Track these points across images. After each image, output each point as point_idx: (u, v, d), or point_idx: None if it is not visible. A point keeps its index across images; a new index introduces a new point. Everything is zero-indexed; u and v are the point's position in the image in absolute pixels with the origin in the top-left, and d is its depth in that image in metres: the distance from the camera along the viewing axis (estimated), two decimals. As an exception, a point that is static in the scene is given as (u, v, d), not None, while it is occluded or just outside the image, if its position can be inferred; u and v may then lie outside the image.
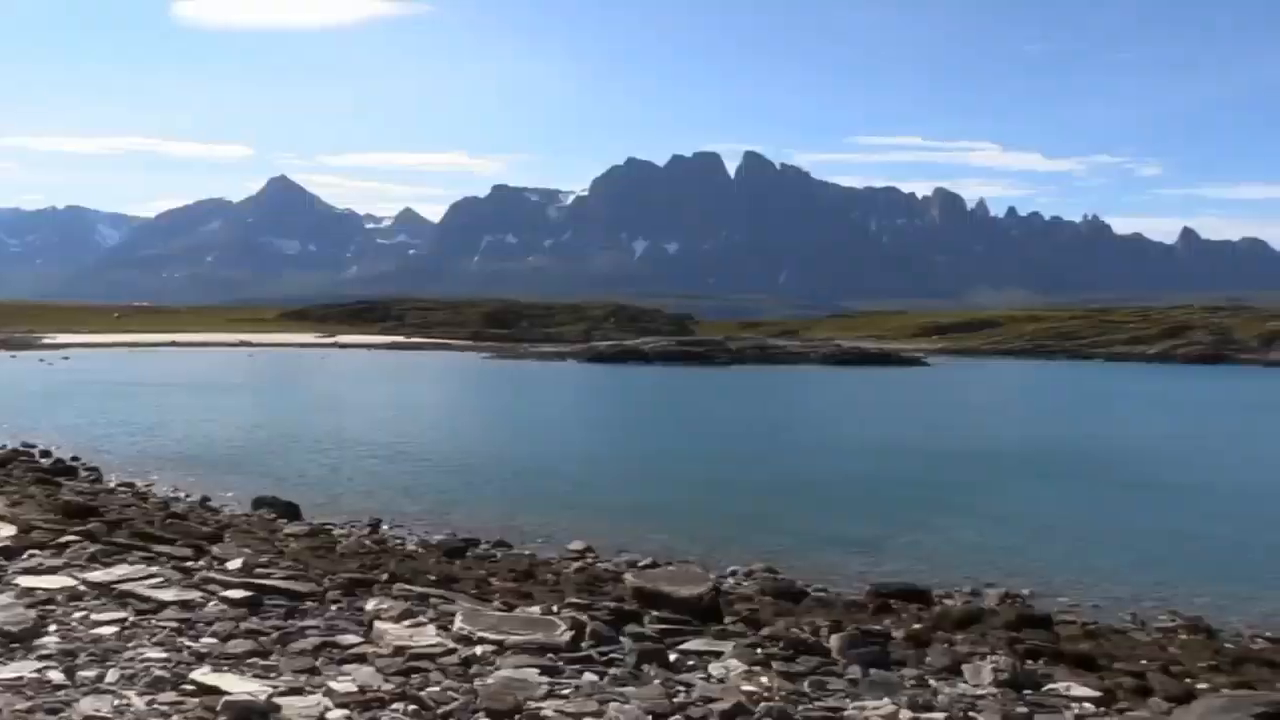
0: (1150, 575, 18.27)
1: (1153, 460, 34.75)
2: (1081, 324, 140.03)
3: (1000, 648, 12.61)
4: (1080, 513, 24.61)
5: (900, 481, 28.95)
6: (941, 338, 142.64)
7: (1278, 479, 31.06)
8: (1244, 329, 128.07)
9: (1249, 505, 26.11)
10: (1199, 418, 53.14)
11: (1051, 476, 30.58)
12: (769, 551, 19.20)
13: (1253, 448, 39.51)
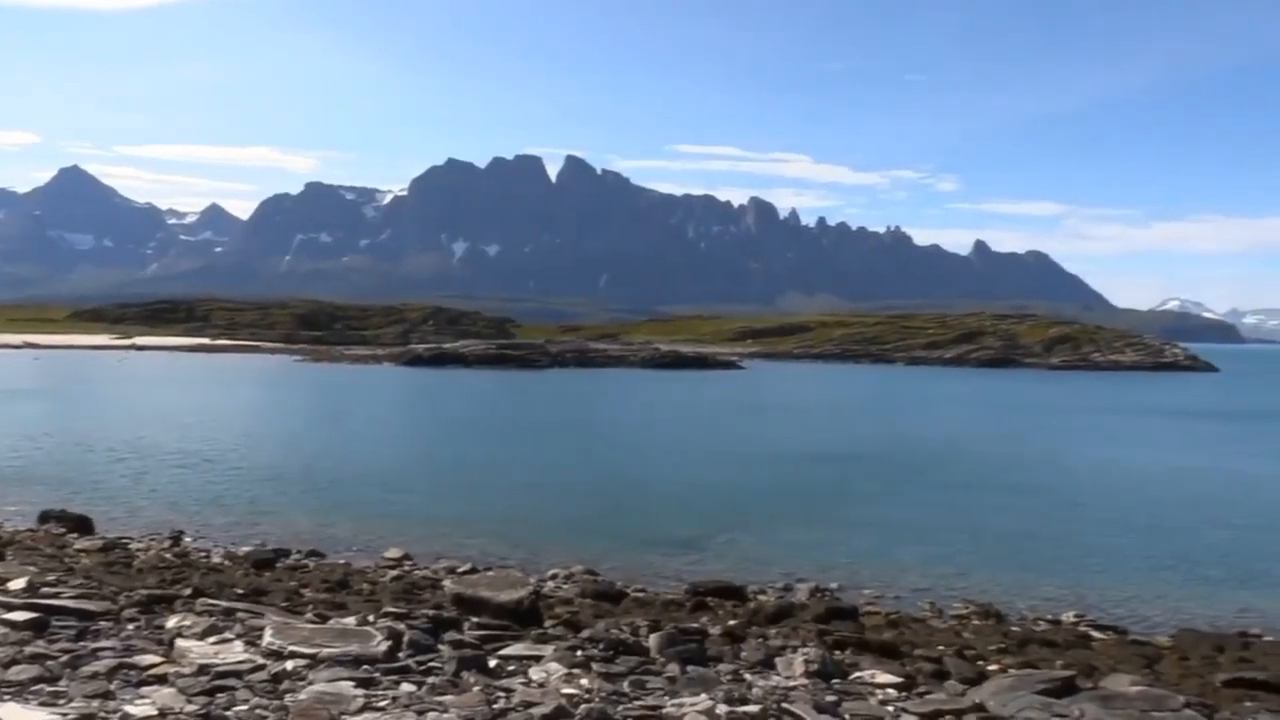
0: (947, 567, 19.39)
1: (951, 458, 36.90)
2: (885, 329, 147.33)
3: (811, 640, 13.11)
4: (885, 509, 25.86)
5: (718, 482, 29.66)
6: (755, 342, 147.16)
7: (1060, 475, 33.49)
8: (1029, 335, 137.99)
9: (1035, 499, 28.09)
10: (992, 418, 56.80)
11: (860, 475, 31.99)
12: (589, 554, 19.31)
13: (1039, 446, 42.49)
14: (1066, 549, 21.49)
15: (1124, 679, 11.74)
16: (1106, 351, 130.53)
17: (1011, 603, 17.02)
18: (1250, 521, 25.37)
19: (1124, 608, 17.04)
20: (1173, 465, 36.78)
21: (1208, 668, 13.53)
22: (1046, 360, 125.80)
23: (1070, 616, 16.31)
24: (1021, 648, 14.08)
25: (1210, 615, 16.76)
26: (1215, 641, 14.93)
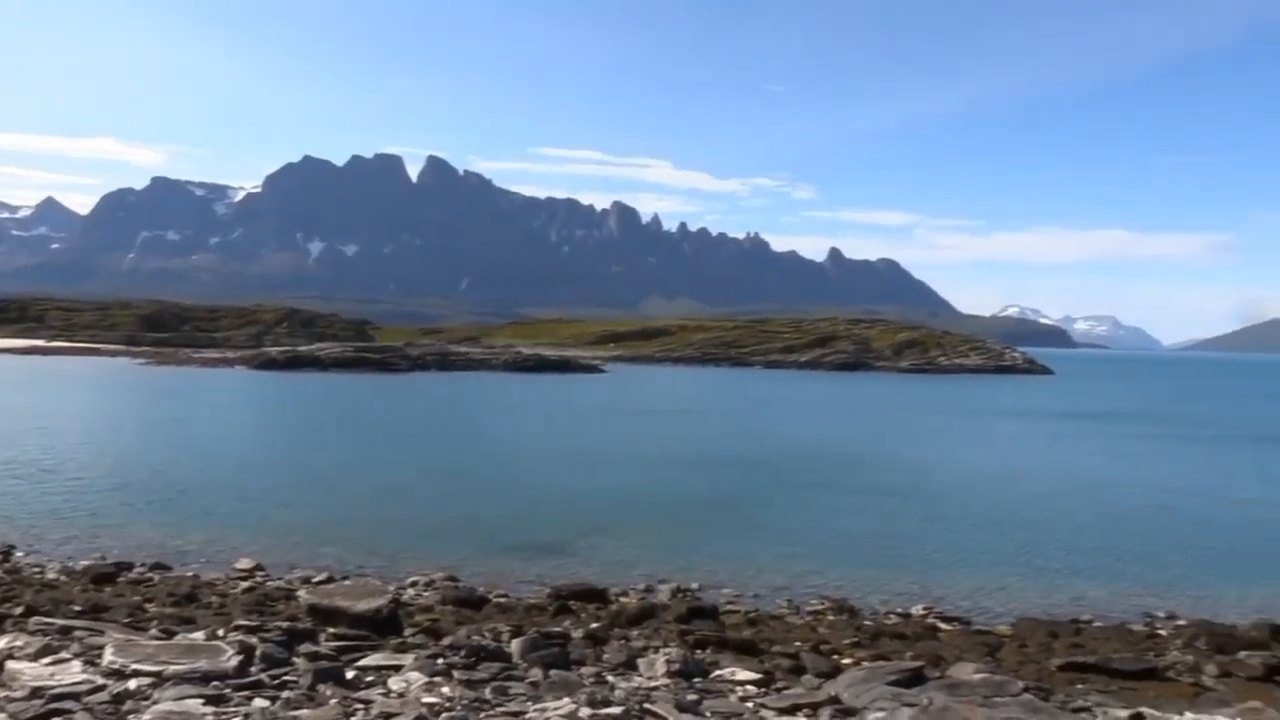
0: (804, 565, 19.92)
1: (809, 459, 37.90)
2: (743, 334, 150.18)
3: (672, 640, 13.27)
4: (746, 509, 26.37)
5: (581, 486, 29.69)
6: (618, 345, 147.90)
7: (911, 474, 34.80)
8: (880, 339, 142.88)
9: (888, 498, 29.11)
10: (847, 420, 58.62)
11: (721, 477, 32.55)
12: (450, 560, 19.06)
13: (892, 446, 44.07)
14: (917, 545, 22.37)
15: (968, 667, 12.30)
16: (952, 355, 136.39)
17: (865, 598, 17.63)
18: (1082, 516, 26.94)
19: (969, 600, 17.85)
20: (1014, 464, 38.70)
21: (1044, 653, 14.30)
22: (896, 364, 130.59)
23: (919, 609, 17.00)
24: (874, 641, 14.59)
25: (1046, 604, 17.73)
26: (1051, 628, 15.80)
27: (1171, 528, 25.71)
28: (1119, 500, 30.03)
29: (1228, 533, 25.40)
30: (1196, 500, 30.67)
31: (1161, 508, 28.85)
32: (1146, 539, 24.04)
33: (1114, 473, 37.19)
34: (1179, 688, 12.93)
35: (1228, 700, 12.19)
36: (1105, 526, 25.49)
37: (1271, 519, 27.81)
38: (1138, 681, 13.06)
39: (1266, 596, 18.85)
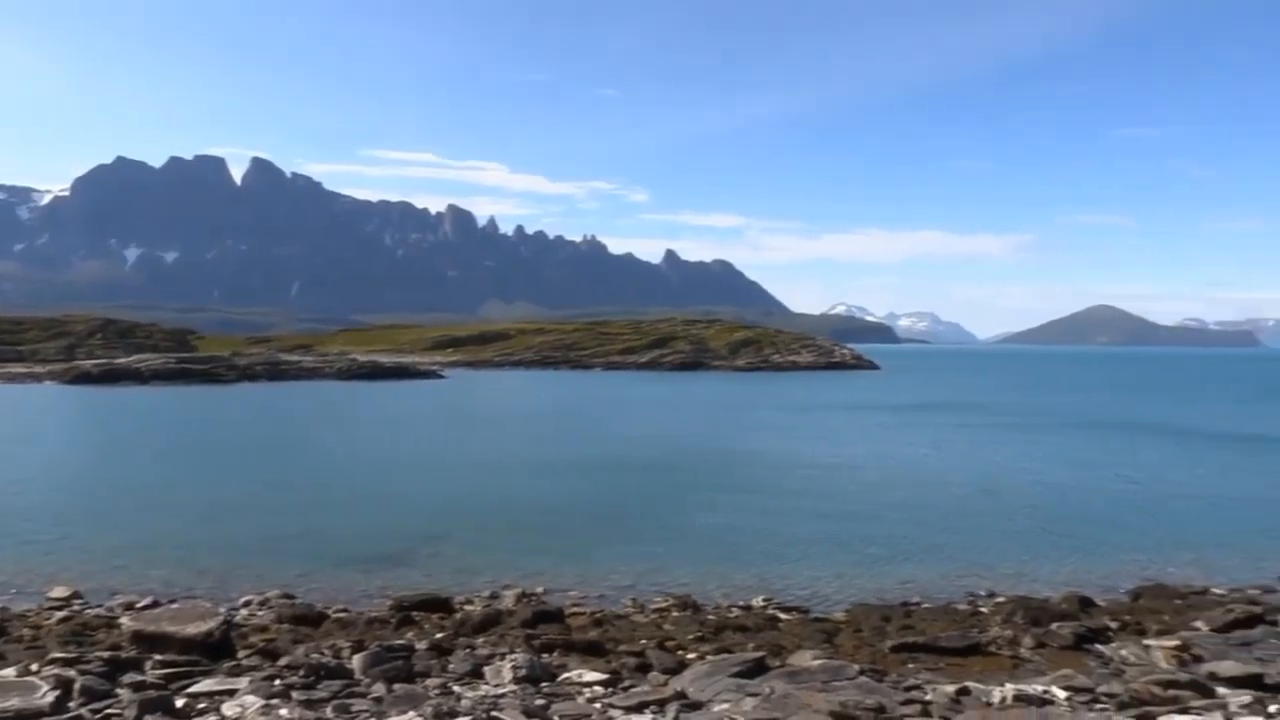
0: (648, 563, 20.15)
1: (650, 458, 38.30)
2: (582, 336, 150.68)
3: (518, 645, 13.20)
4: (589, 510, 26.48)
5: (422, 494, 29.15)
6: (456, 350, 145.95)
7: (752, 469, 35.67)
8: (716, 339, 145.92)
9: (728, 493, 29.73)
10: (688, 418, 59.51)
11: (564, 479, 32.53)
12: (285, 577, 18.40)
13: (732, 442, 45.01)
14: (757, 539, 22.95)
15: (807, 654, 12.72)
16: (785, 353, 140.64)
17: (708, 593, 17.97)
18: (911, 503, 28.24)
19: (807, 589, 18.45)
20: (847, 455, 40.18)
21: (877, 637, 14.93)
22: (732, 363, 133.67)
23: (760, 601, 17.45)
24: (717, 634, 14.90)
25: (878, 589, 18.50)
26: (883, 612, 16.50)
27: (992, 511, 27.25)
28: (944, 487, 31.61)
29: (1042, 513, 27.09)
30: (1013, 484, 32.58)
31: (983, 492, 30.55)
32: (969, 523, 25.40)
33: (939, 461, 39.15)
34: (1000, 661, 13.74)
35: (1043, 670, 13.02)
36: (932, 512, 26.78)
37: (1079, 499, 29.79)
38: (963, 658, 13.79)
39: (1076, 570, 20.24)
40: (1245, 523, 26.22)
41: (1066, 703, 10.77)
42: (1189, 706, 10.49)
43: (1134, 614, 16.66)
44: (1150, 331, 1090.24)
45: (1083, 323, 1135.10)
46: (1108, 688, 11.42)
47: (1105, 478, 34.49)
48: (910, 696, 10.66)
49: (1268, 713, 10.49)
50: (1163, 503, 29.34)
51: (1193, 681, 11.65)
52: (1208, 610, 16.65)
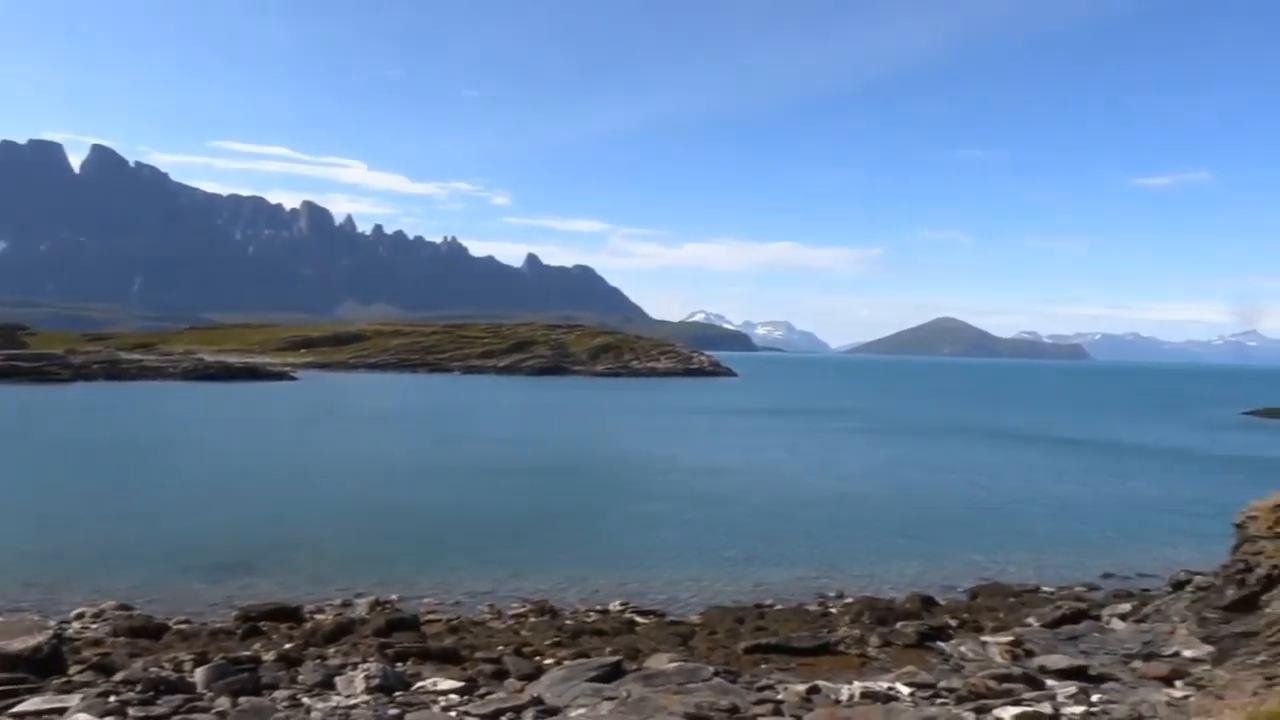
0: (505, 568, 19.98)
1: (510, 462, 38.02)
2: (441, 339, 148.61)
3: (372, 654, 12.91)
4: (445, 515, 26.08)
5: (270, 499, 28.16)
6: (310, 352, 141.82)
7: (612, 473, 35.79)
8: (576, 344, 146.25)
9: (589, 497, 29.79)
10: (549, 421, 59.38)
11: (419, 483, 31.99)
12: (122, 587, 17.48)
13: (594, 446, 45.05)
14: (615, 542, 23.09)
15: (664, 657, 12.86)
16: (645, 359, 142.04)
17: (565, 597, 17.97)
18: (766, 506, 28.90)
19: (664, 593, 18.66)
20: (706, 459, 40.80)
21: (732, 638, 15.21)
22: (592, 368, 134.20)
23: (617, 605, 17.56)
24: (575, 639, 14.91)
25: (733, 591, 18.87)
26: (737, 614, 16.83)
27: (843, 514, 28.14)
28: (799, 491, 32.47)
29: (890, 516, 28.12)
30: (864, 488, 33.73)
31: (835, 496, 31.52)
32: (822, 525, 26.16)
33: (794, 466, 40.19)
34: (848, 660, 14.19)
35: (889, 667, 13.52)
36: (787, 516, 27.47)
37: (926, 502, 31.06)
38: (814, 657, 14.20)
39: (920, 571, 21.09)
40: (1074, 524, 27.85)
41: (910, 698, 11.21)
42: (1021, 699, 11.07)
43: (972, 612, 17.48)
44: (990, 344, 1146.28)
45: (928, 334, 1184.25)
46: (948, 683, 11.94)
47: (950, 482, 36.09)
48: (763, 696, 10.90)
49: (1090, 702, 11.18)
50: (1001, 505, 30.88)
51: (1024, 675, 12.30)
52: (1039, 607, 17.61)
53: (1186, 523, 27.60)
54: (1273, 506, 13.28)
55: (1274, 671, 10.36)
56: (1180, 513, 29.85)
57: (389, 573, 19.29)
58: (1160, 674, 12.77)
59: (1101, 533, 26.51)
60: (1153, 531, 26.76)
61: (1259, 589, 12.73)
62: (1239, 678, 10.71)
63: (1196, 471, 41.80)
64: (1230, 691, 10.47)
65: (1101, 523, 28.18)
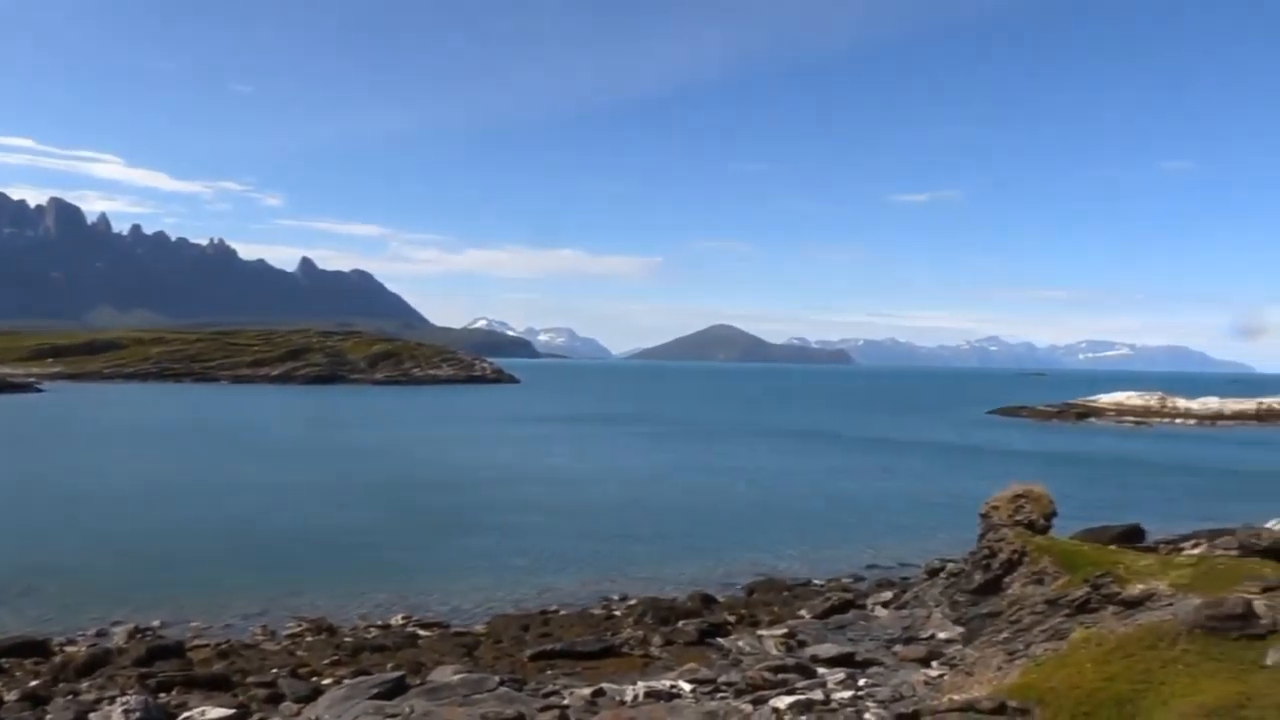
0: (280, 586, 19.11)
1: (282, 473, 36.31)
2: (208, 347, 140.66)
3: (131, 686, 12.06)
4: (210, 534, 24.63)
5: (8, 525, 25.76)
6: (58, 361, 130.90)
7: (392, 483, 34.84)
8: (354, 351, 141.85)
9: (368, 510, 28.90)
10: (326, 431, 57.16)
11: (178, 501, 30.08)
12: None
13: (375, 458, 43.70)
14: (397, 554, 22.52)
15: (448, 669, 12.68)
16: (426, 367, 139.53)
17: (345, 614, 17.38)
18: (551, 511, 28.93)
19: (446, 604, 18.37)
20: (490, 466, 40.45)
21: (517, 646, 15.18)
22: (371, 376, 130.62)
23: (399, 619, 17.15)
24: (355, 656, 14.47)
25: (517, 599, 18.82)
26: (522, 622, 16.81)
27: (627, 517, 28.60)
28: (584, 495, 32.76)
29: (673, 517, 28.84)
30: (648, 490, 34.42)
31: (619, 499, 32.00)
32: (607, 529, 26.50)
33: (579, 470, 40.50)
34: (632, 661, 14.46)
35: (671, 666, 13.88)
36: (572, 520, 27.64)
37: (707, 502, 32.03)
38: (598, 660, 14.37)
39: (700, 570, 21.74)
40: (843, 519, 29.46)
41: (692, 694, 11.54)
42: (795, 687, 11.62)
43: (749, 607, 18.18)
44: (763, 349, 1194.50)
45: (706, 340, 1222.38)
46: (727, 677, 12.38)
47: (731, 482, 37.38)
48: (549, 702, 10.95)
49: (857, 686, 11.88)
50: (778, 504, 32.28)
51: (798, 665, 12.94)
52: (810, 600, 18.54)
53: (942, 514, 29.72)
54: (1012, 497, 14.51)
55: (1015, 647, 11.34)
56: (936, 504, 32.12)
57: (150, 598, 18.05)
58: (918, 656, 13.72)
59: (868, 526, 28.16)
60: (912, 523, 28.67)
61: (1001, 572, 13.89)
62: (985, 655, 11.65)
63: (950, 465, 45.11)
64: (978, 668, 11.38)
65: (868, 517, 29.95)
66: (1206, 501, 33.44)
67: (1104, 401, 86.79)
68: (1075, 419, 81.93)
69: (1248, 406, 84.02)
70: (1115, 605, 10.89)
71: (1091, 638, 9.94)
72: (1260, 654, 8.56)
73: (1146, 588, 10.85)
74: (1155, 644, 9.14)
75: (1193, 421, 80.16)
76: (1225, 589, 9.88)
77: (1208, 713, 7.51)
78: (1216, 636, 8.94)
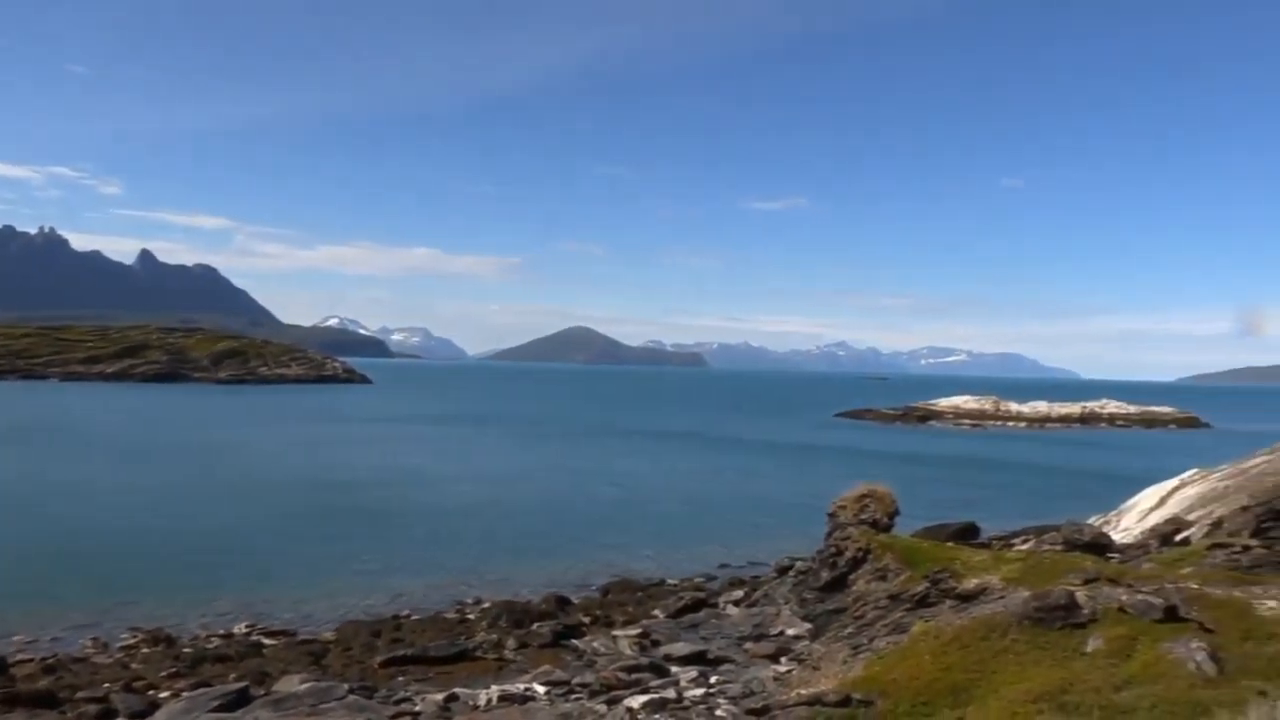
0: (112, 596, 18.13)
1: (116, 473, 34.50)
2: (36, 342, 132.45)
3: (-56, 706, 11.27)
4: (31, 540, 23.16)
5: None
6: None
7: (238, 485, 33.52)
8: (197, 349, 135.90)
9: (210, 514, 27.72)
10: (162, 432, 54.55)
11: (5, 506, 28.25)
12: None
13: (215, 458, 41.94)
14: (240, 559, 21.67)
15: (295, 679, 12.30)
16: (274, 366, 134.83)
17: (184, 623, 16.65)
18: (404, 513, 28.42)
19: (293, 610, 17.80)
20: (341, 468, 39.33)
21: (367, 653, 14.86)
22: (215, 374, 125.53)
23: (243, 628, 16.54)
24: (195, 668, 13.88)
25: (368, 604, 18.40)
26: (373, 628, 16.45)
27: (485, 518, 28.33)
28: (441, 497, 32.28)
29: (530, 518, 28.71)
30: (506, 491, 34.14)
31: (478, 501, 31.65)
32: (463, 531, 26.20)
33: (436, 472, 39.85)
34: (486, 664, 14.35)
35: (526, 668, 13.83)
36: (428, 523, 27.21)
37: (564, 503, 32.01)
38: (452, 665, 14.20)
39: (556, 571, 21.73)
40: (697, 519, 29.94)
41: (546, 697, 11.53)
42: (648, 686, 11.75)
43: (604, 608, 18.28)
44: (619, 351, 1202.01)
45: (562, 342, 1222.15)
46: (582, 678, 12.42)
47: (588, 483, 37.48)
48: (400, 710, 10.76)
49: (709, 684, 12.10)
50: (635, 504, 32.55)
51: (651, 664, 13.09)
52: (664, 599, 18.78)
53: (791, 513, 30.54)
54: (857, 497, 15.03)
55: (859, 642, 11.75)
56: (786, 504, 32.99)
57: (-34, 610, 16.87)
58: (767, 652, 14.08)
59: (721, 526, 28.69)
60: (764, 522, 29.36)
61: (847, 569, 14.37)
62: (832, 650, 12.04)
63: (800, 466, 46.41)
64: (825, 663, 11.75)
65: (721, 517, 30.52)
66: (1035, 499, 35.39)
67: (943, 405, 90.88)
68: (917, 421, 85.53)
69: (1073, 410, 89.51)
70: (952, 599, 11.41)
71: (930, 631, 10.40)
72: (1081, 642, 9.13)
73: (980, 582, 11.40)
74: (988, 635, 9.64)
75: (1023, 424, 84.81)
76: (1051, 582, 10.48)
77: (1034, 698, 7.96)
78: (1043, 627, 9.49)
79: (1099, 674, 8.35)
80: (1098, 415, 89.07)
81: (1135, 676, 8.14)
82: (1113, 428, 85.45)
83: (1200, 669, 7.95)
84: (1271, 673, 7.70)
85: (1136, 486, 23.77)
